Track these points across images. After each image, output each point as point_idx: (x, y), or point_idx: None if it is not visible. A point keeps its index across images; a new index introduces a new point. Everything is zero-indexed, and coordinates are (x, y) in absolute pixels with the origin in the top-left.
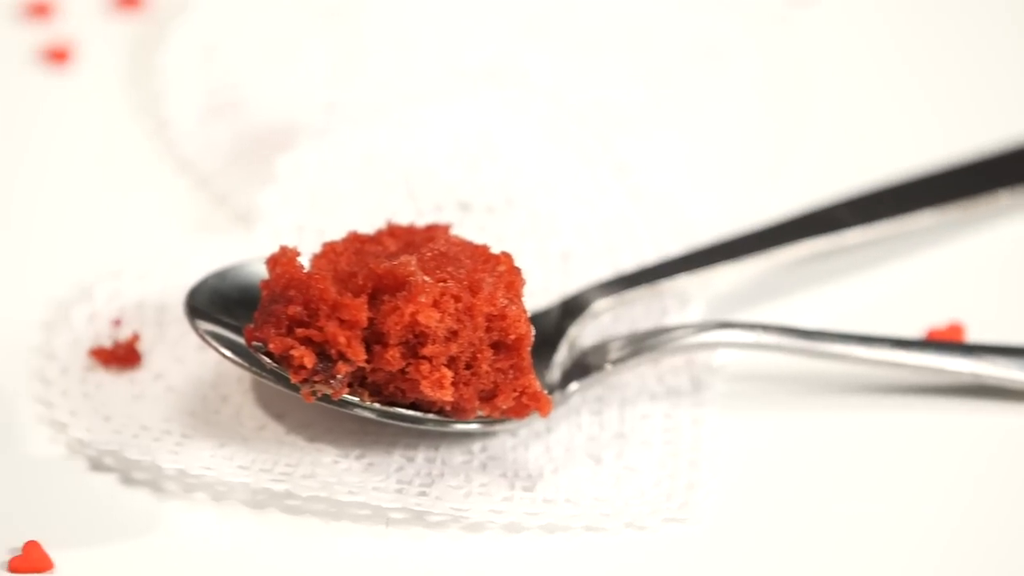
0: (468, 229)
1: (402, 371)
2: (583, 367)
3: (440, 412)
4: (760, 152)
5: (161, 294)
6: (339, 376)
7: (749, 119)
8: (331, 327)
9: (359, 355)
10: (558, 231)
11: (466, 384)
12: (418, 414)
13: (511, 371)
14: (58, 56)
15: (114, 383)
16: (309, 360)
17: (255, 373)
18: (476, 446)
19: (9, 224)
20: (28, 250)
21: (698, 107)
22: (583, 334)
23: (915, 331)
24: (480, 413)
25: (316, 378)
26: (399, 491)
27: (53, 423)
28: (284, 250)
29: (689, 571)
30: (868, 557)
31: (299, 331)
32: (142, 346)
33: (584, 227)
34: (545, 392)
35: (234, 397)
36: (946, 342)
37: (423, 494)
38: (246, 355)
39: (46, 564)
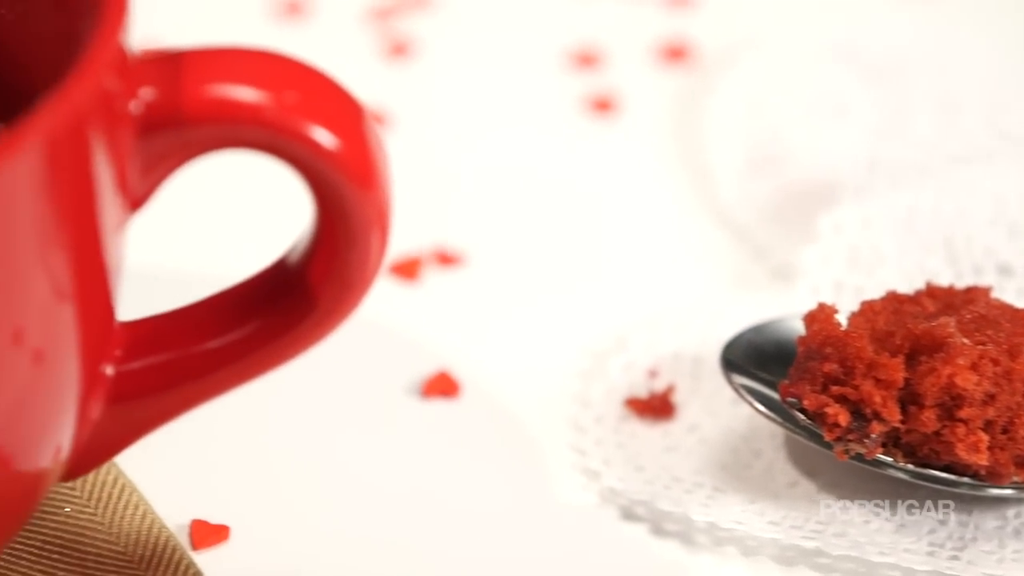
0: (1008, 293)
1: (936, 433)
2: None
3: (974, 476)
4: None
5: (697, 346)
6: (873, 436)
7: None
8: (867, 386)
9: (894, 415)
10: None
11: (1002, 448)
12: (952, 477)
13: None
14: (603, 105)
15: (648, 433)
16: (844, 418)
17: (788, 429)
18: (1011, 512)
19: (552, 273)
20: (569, 299)
21: None
22: None
23: None
24: (1015, 479)
25: (850, 436)
26: (930, 553)
27: (586, 471)
28: (822, 307)
29: None
30: None
31: (834, 389)
32: (677, 397)
33: None
34: None
35: (766, 452)
36: None
37: (955, 558)
38: (780, 411)
39: None
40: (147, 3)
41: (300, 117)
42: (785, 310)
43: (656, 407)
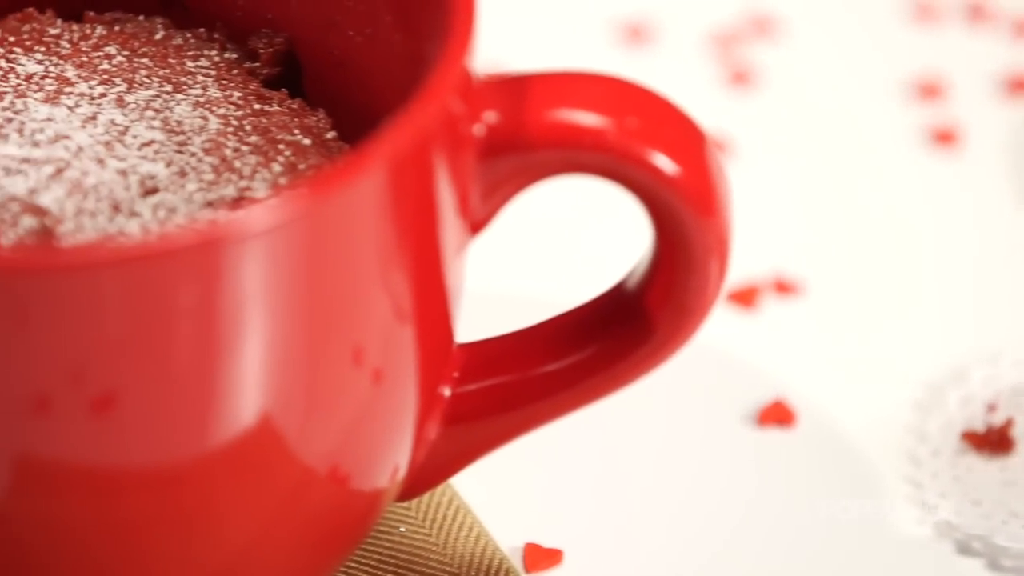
0: None
1: None
2: None
3: None
4: None
5: None
6: None
7: None
8: None
9: None
10: None
11: None
12: None
13: None
14: (945, 137)
15: (985, 467)
16: None
17: None
18: None
19: (889, 303)
20: (905, 330)
21: None
22: None
23: None
24: None
25: None
26: None
27: (922, 504)
28: None
29: None
30: None
31: None
32: (1015, 432)
33: None
34: None
35: None
36: None
37: None
38: None
39: None
40: (491, 27)
41: (641, 143)
42: None
43: (994, 441)
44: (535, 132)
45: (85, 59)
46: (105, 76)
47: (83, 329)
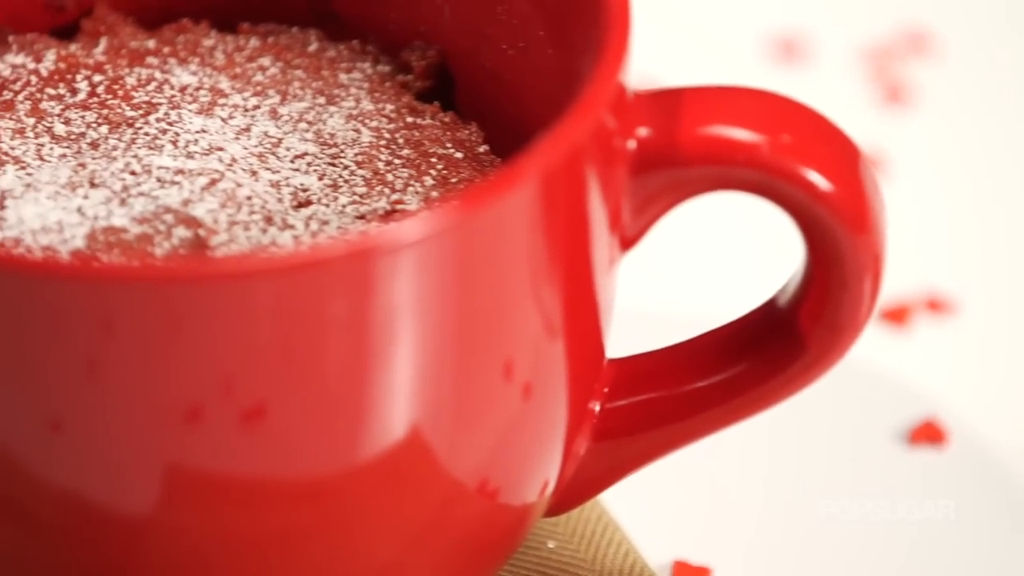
0: None
1: None
2: None
3: None
4: None
5: None
6: None
7: None
8: None
9: None
10: None
11: None
12: None
13: None
14: None
15: None
16: None
17: None
18: None
19: None
20: None
21: None
22: None
23: None
24: None
25: None
26: None
27: None
28: None
29: None
30: None
31: None
32: None
33: None
34: None
35: None
36: None
37: None
38: None
39: None
40: (644, 41)
41: (795, 159)
42: None
43: None
44: (688, 148)
45: (239, 71)
46: (259, 88)
47: (235, 340)
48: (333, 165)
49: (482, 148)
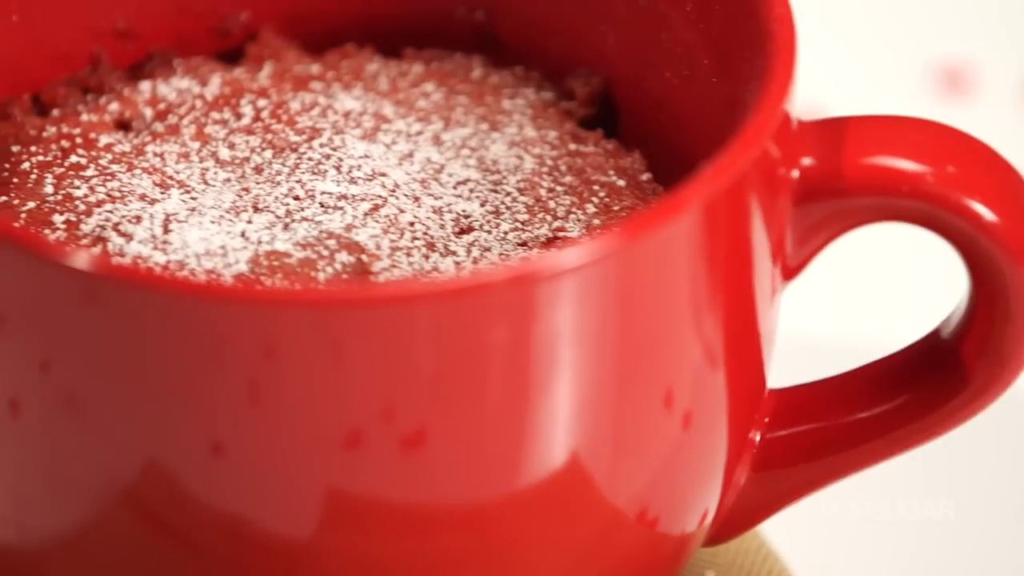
0: None
1: None
2: None
3: None
4: None
5: None
6: None
7: None
8: None
9: None
10: None
11: None
12: None
13: None
14: None
15: None
16: None
17: None
18: None
19: None
20: None
21: None
22: None
23: None
24: None
25: None
26: None
27: None
28: None
29: None
30: None
31: None
32: None
33: None
34: None
35: None
36: None
37: None
38: None
39: None
40: (808, 70)
41: (960, 190)
42: None
43: None
44: (852, 178)
45: (402, 96)
46: (422, 113)
47: (396, 365)
48: (495, 192)
49: (645, 176)
